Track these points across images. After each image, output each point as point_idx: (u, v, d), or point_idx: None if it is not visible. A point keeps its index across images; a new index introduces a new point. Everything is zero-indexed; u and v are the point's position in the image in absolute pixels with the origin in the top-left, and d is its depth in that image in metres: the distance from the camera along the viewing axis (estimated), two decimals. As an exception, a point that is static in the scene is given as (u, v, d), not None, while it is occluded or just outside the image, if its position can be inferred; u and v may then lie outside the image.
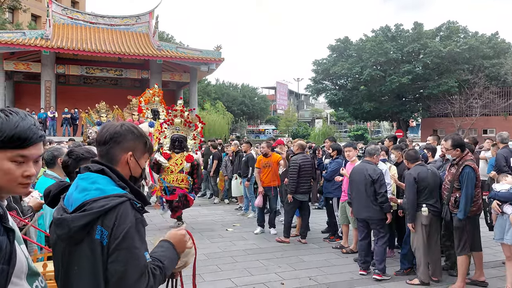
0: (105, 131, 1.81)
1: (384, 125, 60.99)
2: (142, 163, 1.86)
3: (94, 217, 1.57)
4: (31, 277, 1.42)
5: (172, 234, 1.85)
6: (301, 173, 7.47)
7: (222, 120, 34.44)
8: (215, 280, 5.53)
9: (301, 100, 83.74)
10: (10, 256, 1.28)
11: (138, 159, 1.83)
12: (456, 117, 32.36)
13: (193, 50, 28.00)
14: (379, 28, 37.44)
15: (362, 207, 5.88)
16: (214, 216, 10.10)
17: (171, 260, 1.75)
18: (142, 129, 1.91)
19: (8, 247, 1.28)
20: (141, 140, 1.84)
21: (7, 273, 1.27)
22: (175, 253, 1.80)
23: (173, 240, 1.82)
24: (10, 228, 1.30)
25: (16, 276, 1.32)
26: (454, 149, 5.14)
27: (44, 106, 24.62)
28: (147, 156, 1.90)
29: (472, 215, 5.10)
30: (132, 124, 1.86)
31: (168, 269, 1.72)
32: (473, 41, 33.23)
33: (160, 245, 1.79)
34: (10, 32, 25.12)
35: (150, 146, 1.90)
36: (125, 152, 1.79)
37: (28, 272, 1.39)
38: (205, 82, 46.80)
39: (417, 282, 5.38)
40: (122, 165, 1.79)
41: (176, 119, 9.07)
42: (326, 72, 38.36)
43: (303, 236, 7.72)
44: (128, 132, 1.80)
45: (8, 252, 1.27)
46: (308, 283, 5.48)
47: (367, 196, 5.80)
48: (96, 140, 1.84)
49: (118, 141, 1.78)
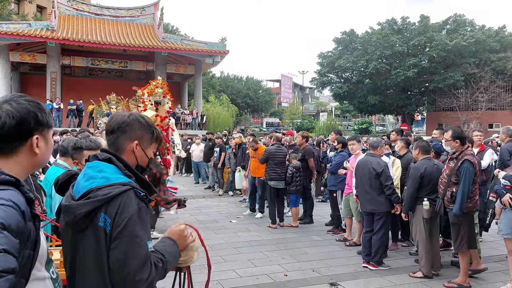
0: (113, 121, 1.84)
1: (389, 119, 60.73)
2: (149, 152, 1.88)
3: (97, 204, 1.59)
4: (48, 263, 1.46)
5: (171, 230, 1.88)
6: (270, 161, 8.21)
7: (226, 113, 34.51)
8: (219, 271, 5.57)
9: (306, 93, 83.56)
10: (36, 242, 1.31)
11: (145, 148, 1.85)
12: (461, 111, 32.19)
13: (198, 42, 27.97)
14: (385, 21, 37.19)
15: (367, 200, 5.90)
16: (218, 208, 10.15)
17: (173, 255, 1.77)
18: (150, 119, 1.92)
19: (34, 233, 1.31)
20: (148, 130, 1.86)
21: (32, 258, 1.30)
22: (177, 249, 1.82)
23: (173, 237, 1.84)
24: (37, 214, 1.33)
25: (39, 261, 1.36)
26: (454, 140, 5.09)
27: (49, 97, 24.72)
28: (155, 146, 1.92)
29: (468, 211, 5.03)
30: (140, 114, 1.88)
31: (170, 264, 1.73)
32: (480, 34, 32.93)
33: (162, 241, 1.81)
34: (15, 23, 25.17)
35: (158, 136, 1.92)
36: (131, 141, 1.81)
37: (47, 258, 1.44)
38: (209, 75, 46.79)
39: (420, 275, 5.40)
40: (128, 153, 1.81)
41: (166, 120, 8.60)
42: (331, 65, 38.20)
43: (273, 222, 8.24)
44: (135, 122, 1.83)
45: (34, 238, 1.30)
46: (312, 275, 5.51)
47: (372, 189, 5.81)
48: (106, 130, 1.87)
49: (125, 130, 1.81)
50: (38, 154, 1.41)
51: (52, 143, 1.50)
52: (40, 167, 1.52)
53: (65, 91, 26.24)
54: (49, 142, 1.47)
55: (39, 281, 1.38)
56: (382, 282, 5.27)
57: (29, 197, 1.31)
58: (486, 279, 5.38)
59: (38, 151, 1.41)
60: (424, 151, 5.58)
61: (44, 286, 1.40)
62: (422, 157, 5.57)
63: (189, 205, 9.11)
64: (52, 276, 1.46)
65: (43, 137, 1.43)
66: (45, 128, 1.43)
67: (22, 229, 1.24)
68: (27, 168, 1.43)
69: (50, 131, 1.47)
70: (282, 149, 8.48)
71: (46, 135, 1.45)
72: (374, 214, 5.87)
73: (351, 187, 6.93)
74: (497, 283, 5.20)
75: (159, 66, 27.23)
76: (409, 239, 6.86)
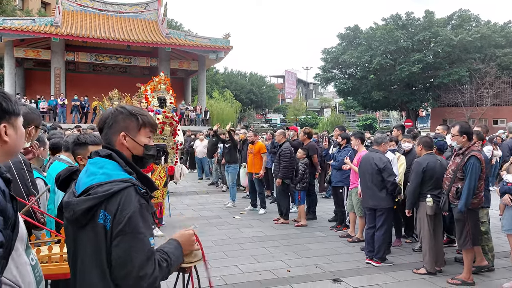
0: (100, 120, 1.85)
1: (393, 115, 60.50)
2: (141, 139, 1.84)
3: (97, 201, 1.59)
4: (27, 249, 1.49)
5: (180, 233, 1.86)
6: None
7: (230, 109, 34.43)
8: (222, 266, 5.58)
9: (310, 89, 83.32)
10: (14, 224, 1.33)
11: (134, 137, 1.82)
12: (466, 107, 32.02)
13: (202, 38, 27.92)
14: (389, 16, 37.04)
15: (368, 195, 5.90)
16: (222, 204, 10.15)
17: (177, 258, 1.76)
18: (134, 107, 1.89)
19: (13, 214, 1.33)
20: (131, 118, 1.82)
21: (11, 240, 1.32)
22: (181, 252, 1.80)
23: (180, 240, 1.82)
24: (14, 196, 1.35)
25: (20, 245, 1.39)
26: (461, 135, 5.06)
27: (54, 93, 24.79)
28: (147, 131, 1.86)
29: (473, 208, 4.98)
30: (123, 105, 1.85)
31: (173, 266, 1.72)
32: (485, 29, 32.70)
33: (169, 242, 1.80)
34: (20, 19, 25.21)
35: (146, 121, 1.86)
36: (118, 134, 1.80)
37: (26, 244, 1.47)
38: (213, 71, 46.72)
39: (423, 272, 5.38)
40: (119, 146, 1.80)
41: (166, 127, 8.30)
42: (335, 60, 38.09)
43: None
44: (117, 114, 1.81)
45: (13, 219, 1.32)
46: (314, 271, 5.51)
47: (373, 185, 5.81)
48: (98, 130, 1.87)
49: (109, 125, 1.81)
50: (8, 141, 1.43)
51: (22, 131, 1.52)
52: (14, 155, 1.54)
53: (69, 87, 26.29)
54: (19, 129, 1.49)
55: (21, 266, 1.41)
56: (385, 278, 5.26)
57: (6, 178, 1.34)
58: (490, 275, 5.36)
59: (7, 139, 1.43)
60: (427, 146, 5.57)
61: (25, 271, 1.43)
62: (425, 152, 5.55)
63: (193, 200, 9.14)
64: (31, 263, 1.48)
65: (11, 125, 1.45)
66: (12, 116, 1.45)
67: (4, 206, 1.27)
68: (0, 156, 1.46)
69: (18, 118, 1.49)
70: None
71: (15, 123, 1.47)
72: (376, 210, 5.87)
73: (354, 182, 6.94)
74: (501, 280, 5.18)
75: (163, 62, 27.22)
76: (413, 236, 6.85)
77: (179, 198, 10.93)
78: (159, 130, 8.18)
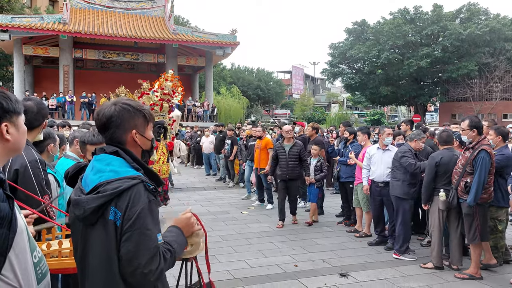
0: (101, 116, 1.79)
1: (401, 110, 60.15)
2: (148, 134, 1.86)
3: (107, 199, 1.61)
4: (31, 246, 1.49)
5: (178, 219, 1.88)
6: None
7: (237, 105, 34.46)
8: (230, 261, 5.63)
9: (317, 85, 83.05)
10: (10, 222, 1.35)
11: (143, 133, 1.83)
12: (475, 102, 31.76)
13: (209, 34, 27.92)
14: (397, 10, 36.70)
15: (391, 185, 6.06)
16: (229, 199, 10.20)
17: (180, 244, 1.79)
18: (135, 102, 1.87)
19: (10, 213, 1.35)
20: (139, 114, 1.82)
21: (8, 238, 1.34)
22: (183, 237, 1.83)
23: (180, 225, 1.85)
24: (10, 195, 1.37)
25: (20, 239, 1.40)
26: (471, 129, 5.03)
27: (62, 90, 24.97)
28: (151, 125, 1.89)
29: (482, 202, 4.96)
30: (124, 101, 1.81)
31: (177, 253, 1.75)
32: (495, 23, 32.31)
33: (169, 230, 1.82)
34: (28, 17, 25.40)
35: (150, 114, 1.88)
36: (129, 132, 1.79)
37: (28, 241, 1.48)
38: (220, 67, 46.71)
39: (430, 266, 5.38)
40: (131, 144, 1.80)
41: (164, 104, 8.49)
42: (342, 55, 37.89)
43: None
44: (123, 112, 1.78)
45: (9, 218, 1.34)
46: (322, 266, 5.53)
47: (394, 176, 6.02)
48: (97, 126, 1.83)
49: (117, 123, 1.76)
50: (10, 140, 1.46)
51: (24, 129, 1.54)
52: (16, 152, 1.57)
53: (78, 84, 26.48)
54: (21, 128, 1.52)
55: (22, 264, 1.42)
56: (393, 273, 5.27)
57: (0, 178, 1.36)
58: (498, 270, 5.34)
59: (10, 137, 1.46)
60: (442, 141, 5.55)
61: (26, 270, 1.44)
62: (442, 147, 5.54)
63: (201, 196, 9.18)
64: (33, 260, 1.49)
65: (12, 124, 1.48)
66: (13, 115, 1.48)
67: None
68: (2, 154, 1.48)
69: (19, 117, 1.51)
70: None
71: (16, 122, 1.50)
72: (395, 202, 5.97)
73: (359, 178, 6.94)
74: (509, 275, 5.16)
75: (170, 59, 27.28)
76: (424, 233, 6.80)
77: (187, 193, 11.00)
78: (159, 107, 8.35)
